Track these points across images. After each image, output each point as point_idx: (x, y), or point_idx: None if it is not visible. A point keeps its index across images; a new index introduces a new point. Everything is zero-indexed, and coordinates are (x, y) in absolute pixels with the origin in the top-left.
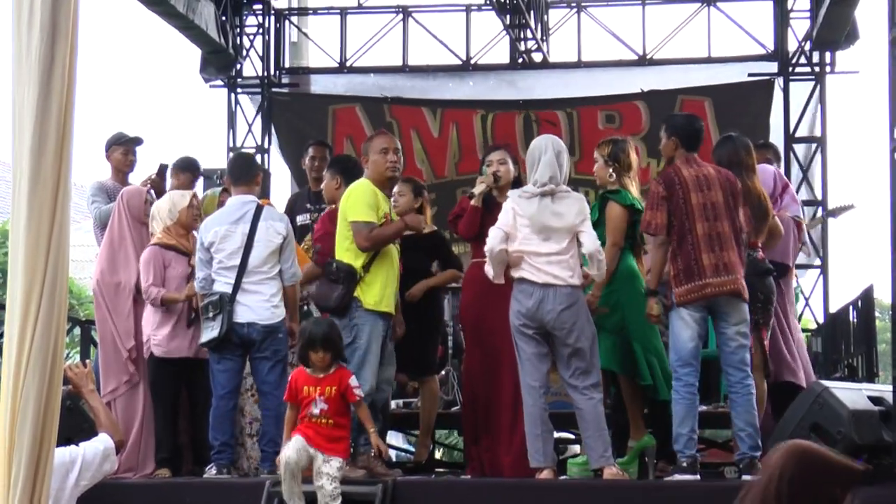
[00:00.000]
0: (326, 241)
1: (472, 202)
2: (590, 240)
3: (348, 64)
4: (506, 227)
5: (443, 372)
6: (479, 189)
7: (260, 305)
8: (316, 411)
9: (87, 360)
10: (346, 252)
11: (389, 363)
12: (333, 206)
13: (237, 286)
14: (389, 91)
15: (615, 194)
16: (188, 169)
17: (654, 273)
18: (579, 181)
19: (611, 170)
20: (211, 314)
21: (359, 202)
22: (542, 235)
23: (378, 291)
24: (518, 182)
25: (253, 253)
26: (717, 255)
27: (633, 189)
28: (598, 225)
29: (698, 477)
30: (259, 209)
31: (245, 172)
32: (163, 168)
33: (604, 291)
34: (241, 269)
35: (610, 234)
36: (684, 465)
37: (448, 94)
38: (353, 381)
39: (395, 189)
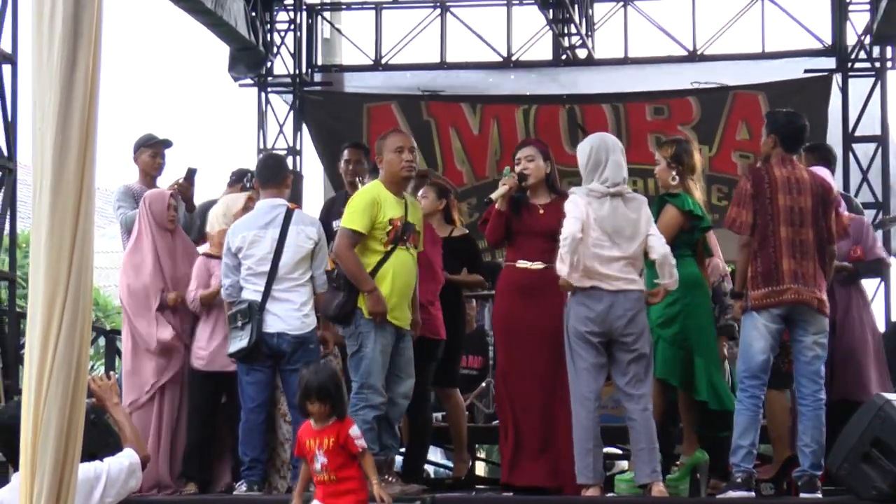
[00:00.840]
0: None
1: (496, 206)
2: (660, 244)
3: (383, 61)
4: (581, 215)
5: (483, 384)
6: (500, 192)
7: (290, 315)
8: (317, 466)
9: (112, 372)
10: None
11: (407, 375)
12: None
13: (266, 294)
14: (426, 88)
15: (674, 197)
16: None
17: (738, 275)
18: (628, 170)
19: (674, 172)
20: (239, 323)
21: (354, 209)
22: (612, 238)
23: (391, 301)
24: (551, 180)
25: (283, 259)
26: (798, 262)
27: (697, 192)
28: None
29: (753, 494)
30: (289, 213)
31: (274, 174)
32: (191, 172)
33: (665, 300)
34: (271, 276)
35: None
36: (739, 480)
37: (488, 93)
38: (353, 430)
39: (420, 192)
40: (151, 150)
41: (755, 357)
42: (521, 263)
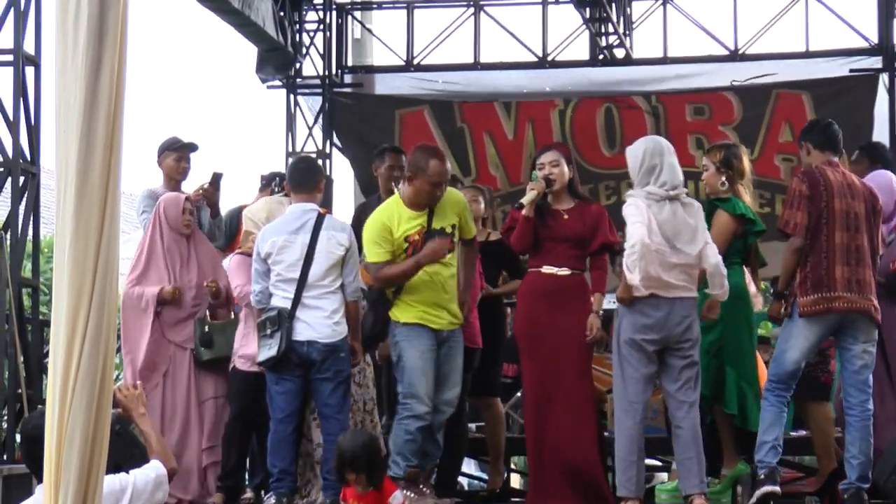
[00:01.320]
0: None
1: (524, 212)
2: (713, 253)
3: (415, 62)
4: (646, 221)
5: (518, 393)
6: (529, 197)
7: (320, 322)
8: None
9: (139, 382)
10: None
11: (453, 383)
12: None
13: (296, 301)
14: (459, 90)
15: (725, 202)
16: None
17: (783, 276)
18: None
19: (723, 177)
20: (269, 331)
21: (369, 241)
22: (672, 244)
23: (415, 310)
24: (572, 185)
25: (313, 266)
26: (853, 269)
27: (747, 197)
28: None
29: (778, 488)
30: (320, 218)
31: (306, 178)
32: (216, 177)
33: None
34: (301, 283)
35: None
36: (762, 476)
37: (522, 96)
38: (394, 499)
39: (469, 195)
40: (176, 154)
41: (787, 365)
42: (547, 269)
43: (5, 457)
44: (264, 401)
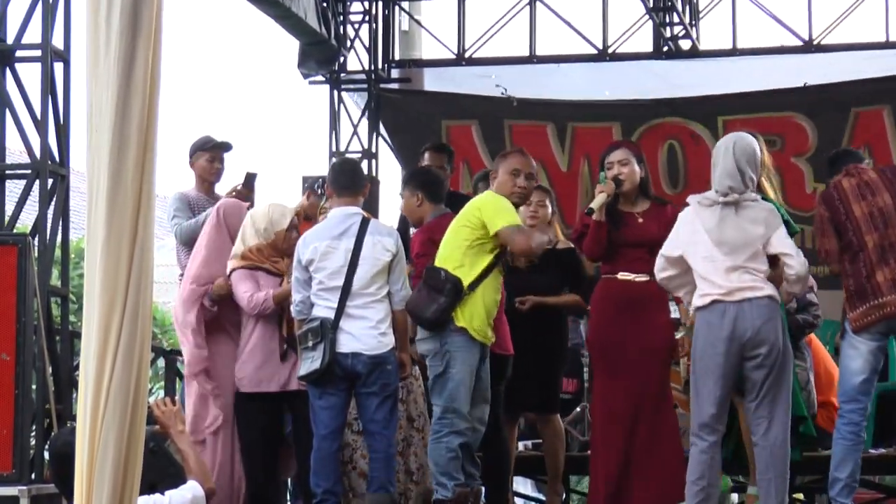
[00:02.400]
0: (424, 263)
1: (594, 217)
2: (797, 261)
3: (467, 55)
4: (667, 250)
5: (578, 408)
6: (598, 201)
7: (366, 333)
8: None
9: (176, 397)
10: (458, 269)
11: (483, 400)
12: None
13: (340, 310)
14: (512, 85)
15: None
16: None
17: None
18: None
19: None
20: (311, 343)
21: (505, 207)
22: (722, 250)
23: (479, 316)
24: (645, 185)
25: (358, 272)
26: (893, 268)
27: (770, 191)
28: None
29: None
30: (365, 223)
31: (350, 181)
32: (250, 178)
33: None
34: (345, 291)
35: None
36: None
37: (581, 90)
38: None
39: (534, 199)
40: (209, 154)
41: (851, 379)
42: (623, 275)
43: (33, 476)
44: (282, 422)
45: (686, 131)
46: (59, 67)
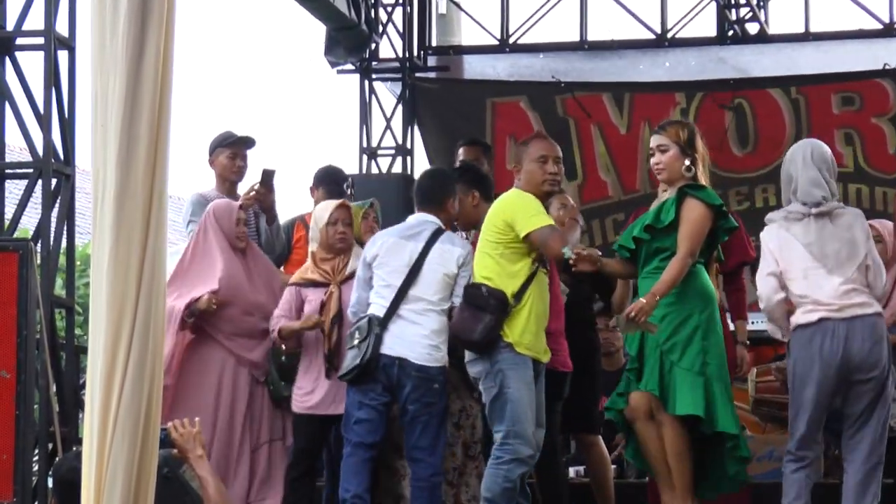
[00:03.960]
0: None
1: None
2: (882, 277)
3: (511, 41)
4: (773, 267)
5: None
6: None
7: (416, 340)
8: None
9: (197, 419)
10: (496, 280)
11: (542, 422)
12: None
13: (392, 310)
14: (563, 75)
15: (699, 190)
16: (324, 182)
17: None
18: None
19: (688, 161)
20: (356, 340)
21: (531, 207)
22: (826, 265)
23: (531, 330)
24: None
25: (420, 274)
26: None
27: (704, 181)
28: (673, 230)
29: None
30: (439, 231)
31: (432, 195)
32: (268, 175)
33: (676, 316)
34: (401, 292)
35: (687, 239)
36: None
37: (638, 76)
38: None
39: (557, 202)
40: (230, 151)
41: None
42: None
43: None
44: (323, 443)
45: (755, 89)
46: (63, 56)
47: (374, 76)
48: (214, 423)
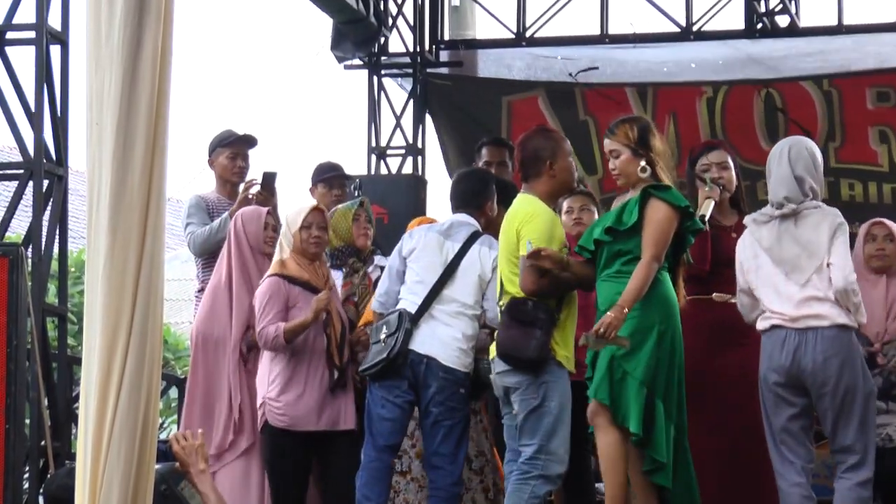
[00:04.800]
0: None
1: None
2: (839, 273)
3: (528, 35)
4: (743, 283)
5: None
6: (706, 208)
7: (447, 341)
8: None
9: (201, 431)
10: (515, 286)
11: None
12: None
13: (425, 308)
14: (582, 75)
15: (663, 191)
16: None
17: None
18: (841, 171)
19: (643, 162)
20: (384, 335)
21: (544, 233)
22: (783, 269)
23: (570, 342)
24: (738, 196)
25: (457, 276)
26: None
27: (666, 179)
28: (636, 232)
29: None
30: (477, 233)
31: (469, 199)
32: (268, 178)
33: (637, 325)
34: (435, 290)
35: (651, 244)
36: None
37: (662, 76)
38: None
39: (576, 204)
40: (230, 151)
41: None
42: (719, 296)
43: None
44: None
45: (785, 81)
46: (55, 51)
47: (383, 72)
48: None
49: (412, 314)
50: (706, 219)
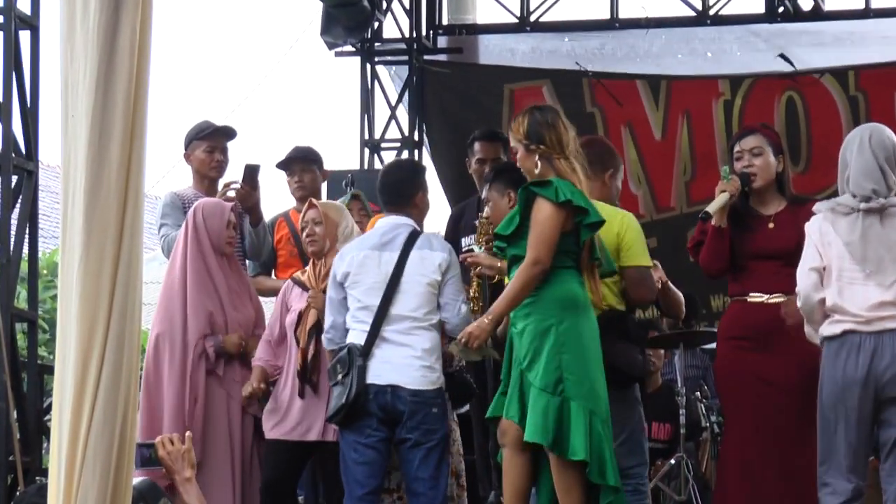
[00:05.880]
0: None
1: (713, 221)
2: None
3: (532, 19)
4: (817, 262)
5: (672, 460)
6: (718, 202)
7: (406, 363)
8: None
9: (188, 435)
10: (617, 305)
11: None
12: None
13: (374, 334)
14: (591, 59)
15: (544, 187)
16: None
17: None
18: None
19: (536, 156)
20: (339, 376)
21: (641, 239)
22: (866, 268)
23: None
24: (783, 182)
25: (401, 291)
26: None
27: (578, 175)
28: (521, 234)
29: None
30: (414, 235)
31: (396, 192)
32: (251, 171)
33: (534, 329)
34: (381, 312)
35: (532, 245)
36: None
37: (676, 64)
38: None
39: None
40: (207, 144)
41: None
42: (755, 297)
43: None
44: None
45: (809, 80)
46: (25, 37)
47: (376, 59)
48: (233, 485)
49: (361, 346)
50: (711, 213)
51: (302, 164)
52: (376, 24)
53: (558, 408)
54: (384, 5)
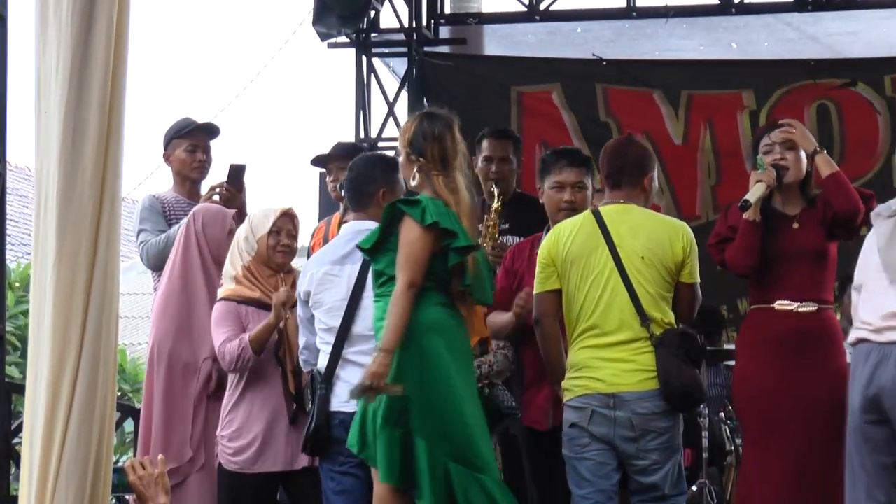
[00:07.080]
0: (503, 301)
1: (746, 214)
2: None
3: (542, 7)
4: (856, 280)
5: (694, 487)
6: (757, 192)
7: None
8: None
9: (161, 457)
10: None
11: None
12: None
13: (336, 358)
14: (605, 50)
15: (412, 206)
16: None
17: None
18: None
19: (415, 168)
20: (309, 403)
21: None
22: (889, 274)
23: None
24: (807, 183)
25: (362, 308)
26: None
27: (460, 196)
28: (382, 249)
29: None
30: None
31: (357, 190)
32: (236, 171)
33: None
34: (343, 333)
35: (402, 268)
36: None
37: (698, 56)
38: None
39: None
40: (188, 143)
41: None
42: (782, 304)
43: None
44: None
45: (844, 93)
46: None
47: (373, 51)
48: None
49: (323, 372)
50: (751, 201)
51: (339, 162)
52: (373, 14)
53: (400, 442)
54: None
